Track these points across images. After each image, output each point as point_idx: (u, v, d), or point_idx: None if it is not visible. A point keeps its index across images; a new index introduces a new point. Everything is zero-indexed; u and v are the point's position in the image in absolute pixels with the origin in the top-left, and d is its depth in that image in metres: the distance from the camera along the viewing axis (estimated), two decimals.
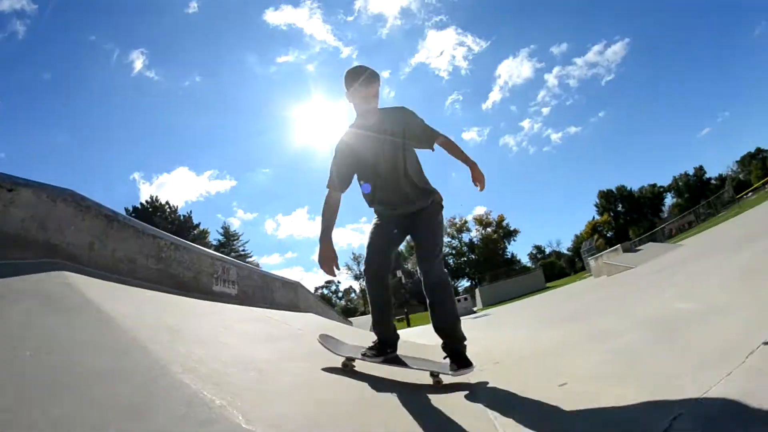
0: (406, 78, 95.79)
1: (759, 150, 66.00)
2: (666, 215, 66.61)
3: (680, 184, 72.56)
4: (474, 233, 70.30)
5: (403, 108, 2.27)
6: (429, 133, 2.24)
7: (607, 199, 76.36)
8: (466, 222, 69.94)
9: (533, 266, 64.75)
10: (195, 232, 46.46)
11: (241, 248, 53.45)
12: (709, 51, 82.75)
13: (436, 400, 1.87)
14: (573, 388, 1.73)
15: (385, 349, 2.26)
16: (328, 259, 2.14)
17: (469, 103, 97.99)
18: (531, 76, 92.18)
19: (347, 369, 2.20)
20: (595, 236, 63.82)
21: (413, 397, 1.87)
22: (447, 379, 2.09)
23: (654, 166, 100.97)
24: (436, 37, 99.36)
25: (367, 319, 11.10)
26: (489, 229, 68.44)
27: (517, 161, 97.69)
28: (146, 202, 46.82)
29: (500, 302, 30.10)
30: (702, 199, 46.17)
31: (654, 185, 74.72)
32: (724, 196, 35.04)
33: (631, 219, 73.02)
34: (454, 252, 71.33)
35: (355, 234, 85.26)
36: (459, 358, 2.12)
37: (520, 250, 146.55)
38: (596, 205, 77.85)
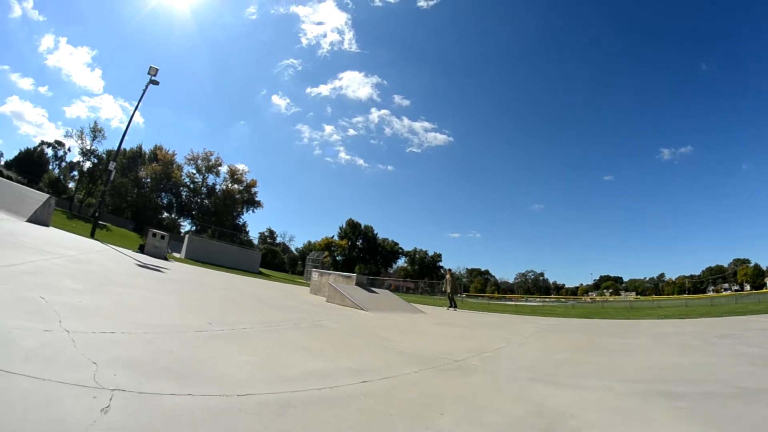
0: None
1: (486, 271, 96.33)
2: (392, 271, 75.52)
3: (417, 256, 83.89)
4: (221, 182, 60.49)
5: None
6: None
7: (353, 229, 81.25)
8: (220, 164, 59.69)
9: (258, 245, 58.93)
10: None
11: None
12: None
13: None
14: None
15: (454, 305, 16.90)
16: None
17: None
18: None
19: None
20: (326, 253, 64.41)
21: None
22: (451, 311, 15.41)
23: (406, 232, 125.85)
24: None
25: None
26: (236, 186, 60.33)
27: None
28: None
29: (205, 263, 22.46)
30: (426, 278, 53.01)
31: (396, 243, 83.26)
32: (441, 286, 40.60)
33: (362, 257, 77.99)
34: (189, 183, 57.40)
35: None
36: (454, 305, 16.57)
37: (254, 224, 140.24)
38: (341, 228, 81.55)
